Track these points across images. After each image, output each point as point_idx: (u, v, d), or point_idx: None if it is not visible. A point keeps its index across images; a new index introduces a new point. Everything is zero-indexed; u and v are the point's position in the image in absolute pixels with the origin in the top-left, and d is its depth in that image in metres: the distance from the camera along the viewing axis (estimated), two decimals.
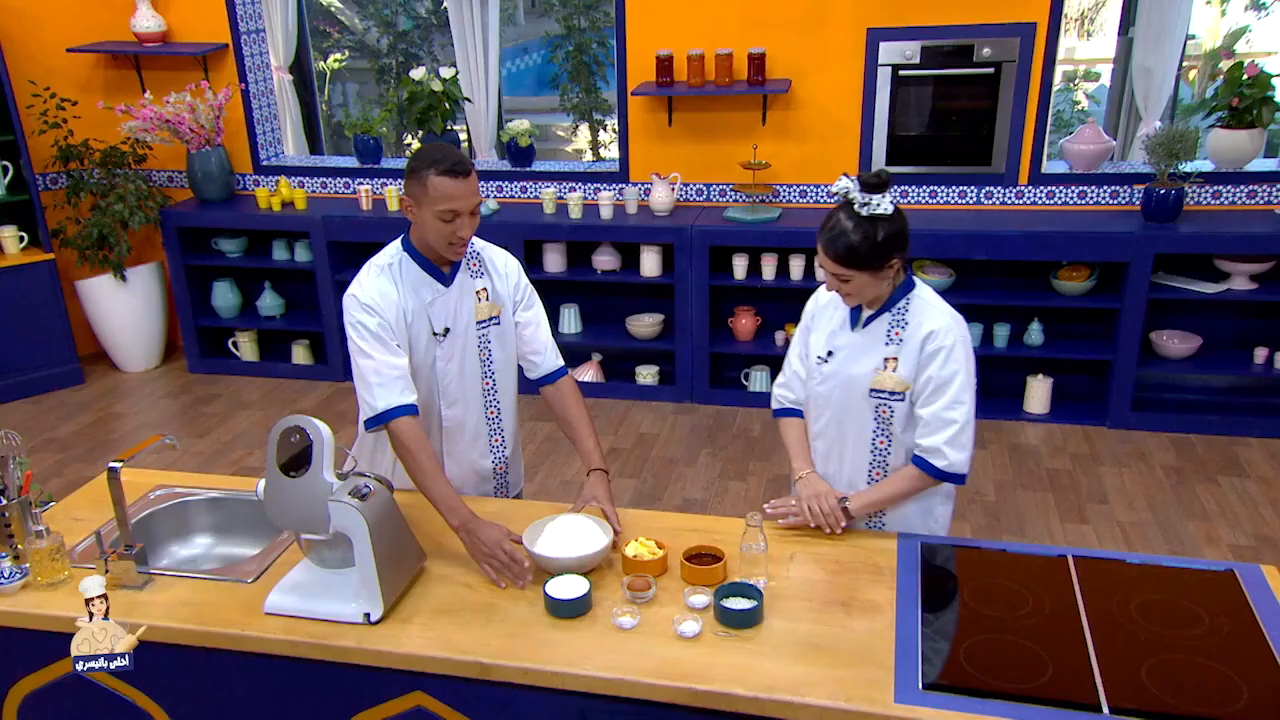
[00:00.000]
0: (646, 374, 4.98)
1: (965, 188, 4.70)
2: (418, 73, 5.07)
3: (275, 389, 5.19)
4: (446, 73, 5.07)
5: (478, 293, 2.33)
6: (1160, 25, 5.23)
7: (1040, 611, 1.94)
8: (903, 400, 2.17)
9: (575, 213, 4.80)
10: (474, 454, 2.43)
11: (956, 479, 2.18)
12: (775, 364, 4.72)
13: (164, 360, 5.56)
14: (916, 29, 4.51)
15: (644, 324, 4.89)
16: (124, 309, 5.32)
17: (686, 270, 4.66)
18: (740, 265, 4.67)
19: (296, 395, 5.12)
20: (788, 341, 4.70)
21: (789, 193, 4.84)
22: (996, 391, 4.75)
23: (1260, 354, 4.45)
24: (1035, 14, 4.42)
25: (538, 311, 2.45)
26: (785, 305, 4.84)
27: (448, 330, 2.30)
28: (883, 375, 2.17)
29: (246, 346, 5.40)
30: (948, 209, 4.71)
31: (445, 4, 5.62)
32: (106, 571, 2.09)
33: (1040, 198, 4.66)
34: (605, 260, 4.83)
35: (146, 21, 5.12)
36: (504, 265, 2.39)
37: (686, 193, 4.94)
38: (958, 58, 4.54)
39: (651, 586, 2.00)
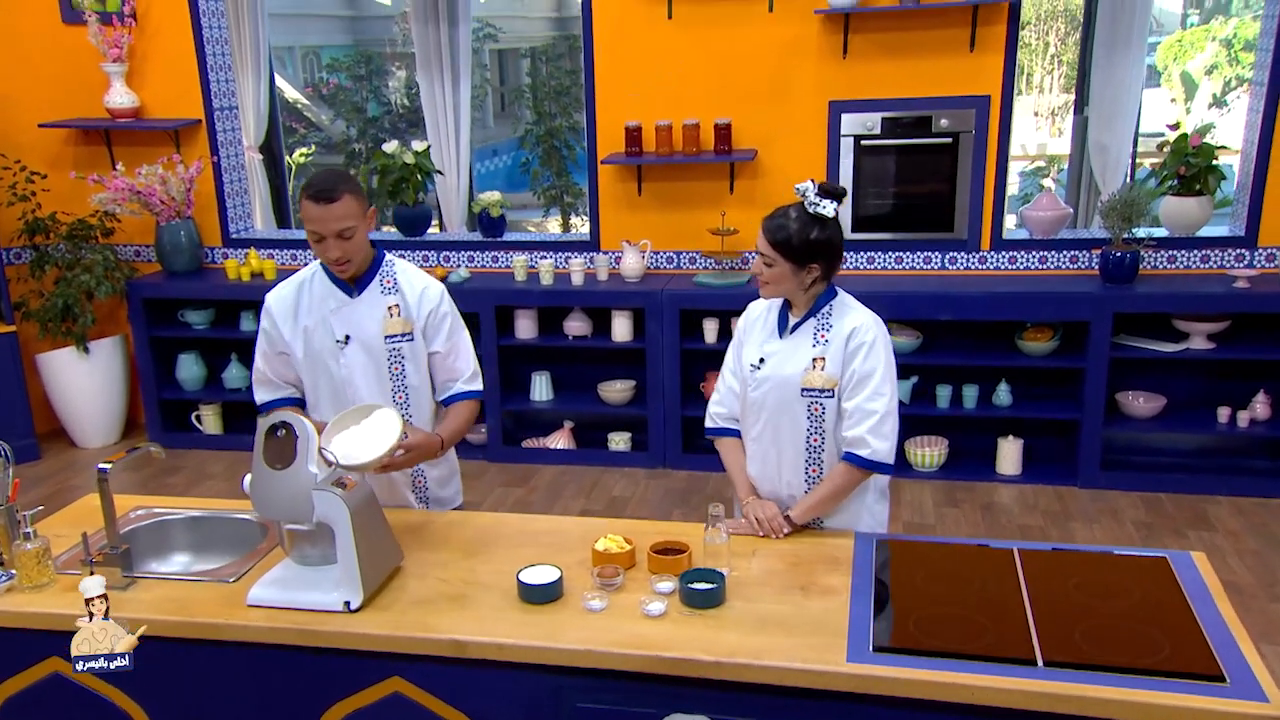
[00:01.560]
0: (619, 440, 5.24)
1: (929, 253, 5.10)
2: (390, 146, 5.48)
3: (238, 461, 5.39)
4: (419, 146, 5.48)
5: (389, 308, 2.65)
6: (1113, 106, 5.78)
7: (985, 590, 2.20)
8: (832, 397, 2.48)
9: (546, 280, 5.14)
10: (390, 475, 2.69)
11: (883, 468, 2.46)
12: None
13: (124, 436, 5.76)
14: (876, 101, 4.99)
15: (616, 390, 5.19)
16: (85, 382, 5.54)
17: (658, 334, 4.98)
18: (711, 329, 5.00)
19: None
20: None
21: None
22: (968, 453, 5.05)
23: (1223, 413, 4.79)
24: (989, 87, 4.91)
25: (456, 343, 2.72)
26: None
27: (348, 338, 2.63)
28: (812, 374, 2.47)
29: (210, 420, 5.62)
30: (913, 274, 5.10)
31: (417, 79, 6.09)
32: (91, 573, 2.29)
33: (1002, 262, 5.07)
34: (576, 326, 5.15)
35: (121, 98, 5.52)
36: (422, 289, 2.69)
37: (657, 260, 5.31)
38: (917, 128, 5.01)
39: (620, 574, 2.24)
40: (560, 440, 5.30)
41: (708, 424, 2.74)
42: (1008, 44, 4.82)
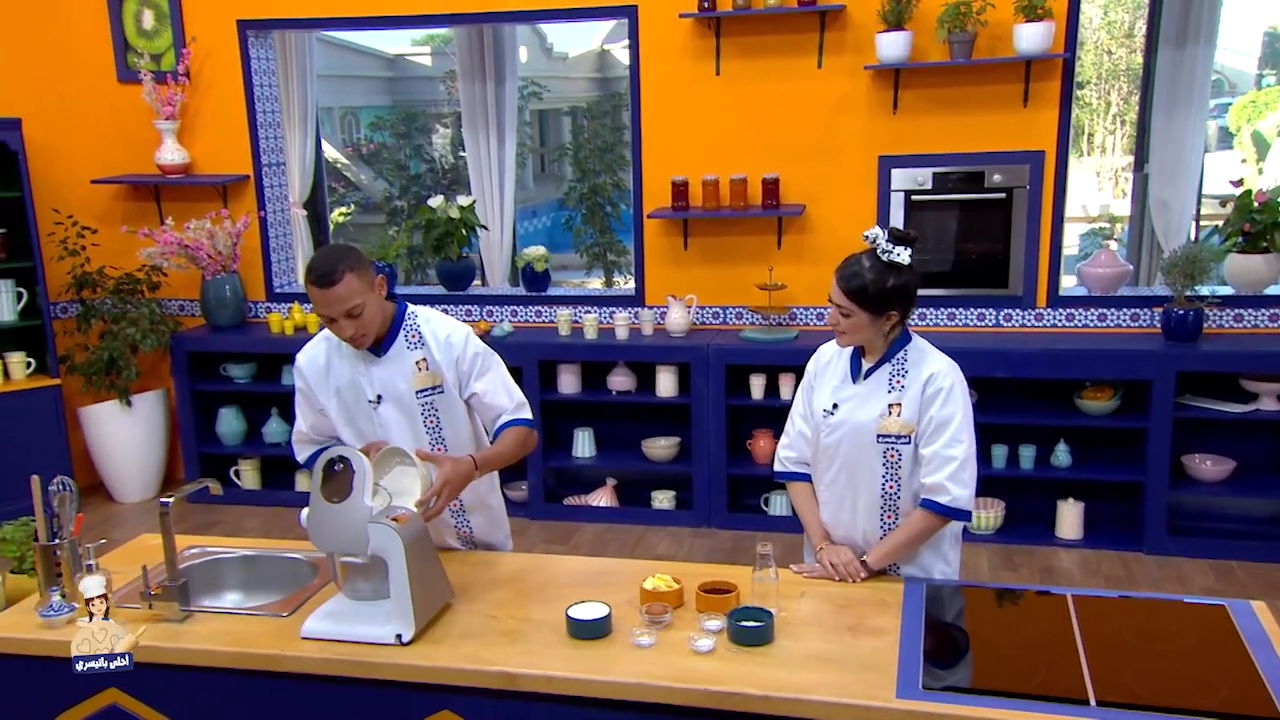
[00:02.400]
0: (663, 498, 5.36)
1: (984, 310, 5.22)
2: (435, 201, 5.75)
3: (276, 517, 5.58)
4: (464, 200, 5.74)
5: (417, 363, 2.78)
6: (1175, 162, 5.91)
7: (1038, 633, 2.29)
8: (909, 443, 2.59)
9: (590, 334, 5.33)
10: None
11: (962, 515, 2.56)
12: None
13: (161, 490, 5.99)
14: (927, 156, 5.16)
15: (660, 446, 5.32)
16: (126, 435, 5.80)
17: (704, 390, 5.13)
18: (758, 385, 5.14)
19: (297, 526, 5.50)
20: None
21: (805, 315, 5.38)
22: (1026, 516, 5.10)
23: None
24: (1043, 142, 5.07)
25: (491, 378, 2.82)
26: None
27: (380, 396, 2.77)
28: (888, 420, 2.59)
29: (249, 474, 5.83)
30: (966, 331, 5.22)
31: (463, 135, 6.39)
32: (150, 606, 2.47)
33: (1060, 320, 5.17)
34: (620, 381, 5.32)
35: (171, 154, 5.86)
36: (446, 337, 2.81)
37: (702, 316, 5.48)
38: (969, 183, 5.17)
39: (668, 612, 2.36)
40: (603, 498, 5.43)
41: (777, 467, 2.86)
42: (1062, 98, 4.99)
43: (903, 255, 2.53)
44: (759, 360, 5.11)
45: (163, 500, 2.49)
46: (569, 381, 5.37)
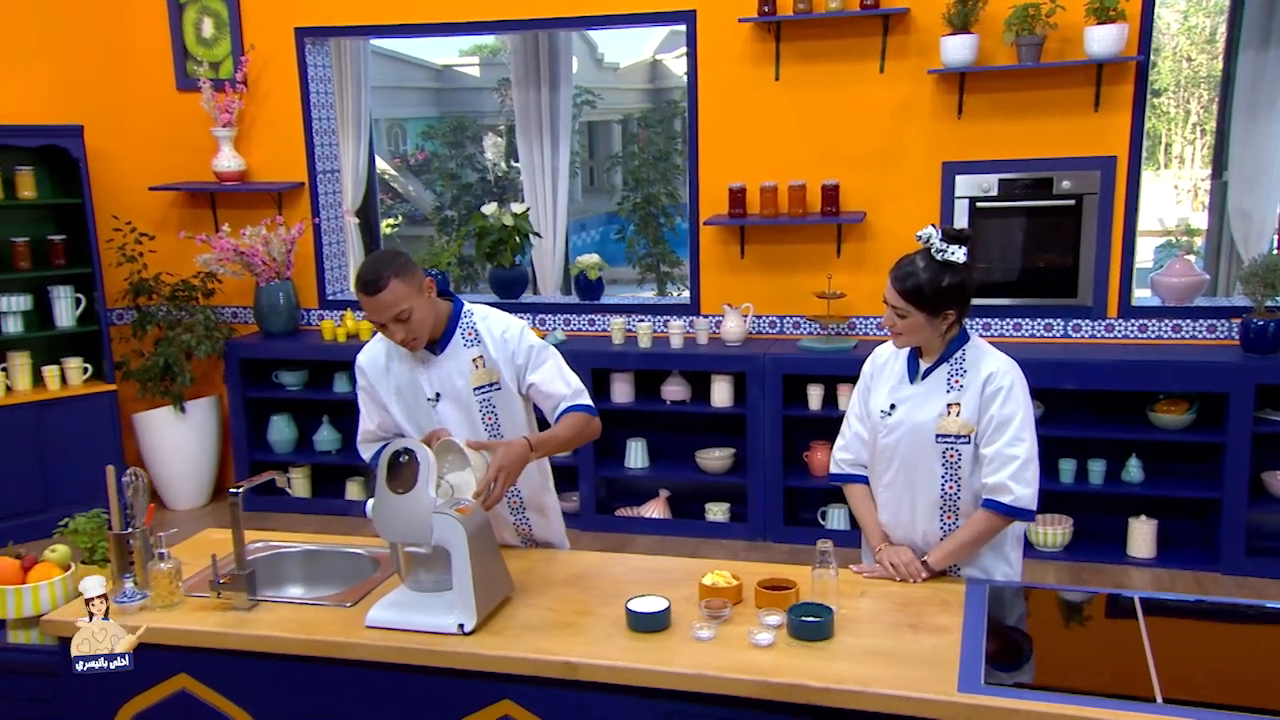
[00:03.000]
0: (717, 510, 5.45)
1: (1051, 320, 5.26)
2: (489, 208, 5.93)
3: (326, 525, 5.74)
4: (518, 208, 5.91)
5: (474, 360, 2.91)
6: (1255, 170, 5.91)
7: (1104, 634, 2.35)
8: (969, 443, 2.66)
9: (644, 343, 5.45)
10: (494, 514, 2.93)
11: (1025, 514, 2.63)
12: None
13: (212, 499, 6.20)
14: (993, 162, 5.22)
15: (714, 458, 5.42)
16: (179, 442, 6.02)
17: (759, 400, 5.22)
18: (815, 395, 5.22)
19: (349, 530, 5.65)
20: None
21: (865, 325, 5.45)
22: (1095, 533, 5.11)
23: None
24: (1115, 147, 5.11)
25: (548, 369, 2.93)
26: None
27: (439, 395, 2.90)
28: (947, 420, 2.67)
29: (299, 483, 6.02)
30: (1033, 342, 5.26)
31: (516, 142, 6.56)
32: (219, 595, 2.62)
33: (1132, 330, 5.19)
34: (675, 390, 5.43)
35: (228, 161, 6.10)
36: (501, 332, 2.94)
37: (759, 325, 5.58)
38: (1037, 190, 5.23)
39: (727, 607, 2.46)
40: (655, 509, 5.53)
41: (833, 469, 2.95)
42: (1135, 102, 5.03)
43: (957, 254, 2.61)
44: (816, 370, 5.19)
45: (232, 489, 2.65)
46: (622, 391, 5.49)
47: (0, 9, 5.72)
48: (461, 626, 2.44)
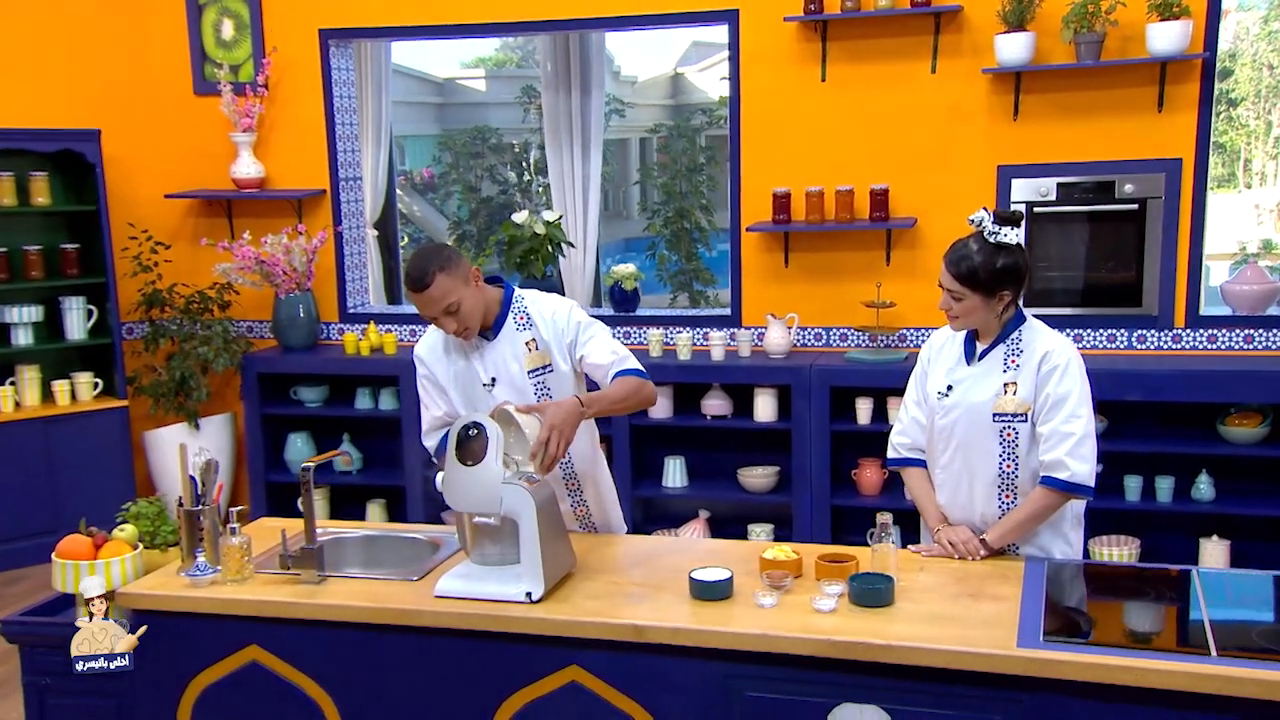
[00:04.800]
0: (760, 532, 5.80)
1: (1114, 330, 5.61)
2: (520, 215, 6.35)
3: None
4: (550, 215, 6.33)
5: (526, 344, 3.31)
6: None
7: (1162, 600, 2.71)
8: (1025, 421, 3.03)
9: (684, 355, 5.83)
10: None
11: (1083, 490, 2.98)
12: (906, 519, 5.50)
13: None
14: (1051, 165, 5.61)
15: (757, 476, 5.78)
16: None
17: (805, 414, 5.58)
18: (864, 409, 5.58)
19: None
20: None
21: (916, 337, 5.82)
22: (1164, 555, 5.41)
23: None
24: (1181, 150, 5.47)
25: (596, 341, 3.33)
26: None
27: (494, 380, 3.30)
28: (1004, 399, 3.04)
29: (318, 504, 6.39)
30: (1096, 353, 5.60)
31: (545, 150, 7.01)
32: (289, 569, 3.00)
33: (1200, 341, 5.53)
34: (715, 405, 5.80)
35: (247, 168, 6.56)
36: (551, 314, 3.35)
37: (804, 337, 5.96)
38: (1098, 194, 5.59)
39: (789, 578, 2.83)
40: (695, 531, 5.88)
41: (890, 454, 3.33)
42: (1201, 102, 5.39)
43: (1010, 236, 3.00)
44: (865, 382, 5.53)
45: (304, 465, 3.04)
46: (661, 405, 5.86)
47: (14, 10, 6.22)
48: (529, 595, 2.81)
